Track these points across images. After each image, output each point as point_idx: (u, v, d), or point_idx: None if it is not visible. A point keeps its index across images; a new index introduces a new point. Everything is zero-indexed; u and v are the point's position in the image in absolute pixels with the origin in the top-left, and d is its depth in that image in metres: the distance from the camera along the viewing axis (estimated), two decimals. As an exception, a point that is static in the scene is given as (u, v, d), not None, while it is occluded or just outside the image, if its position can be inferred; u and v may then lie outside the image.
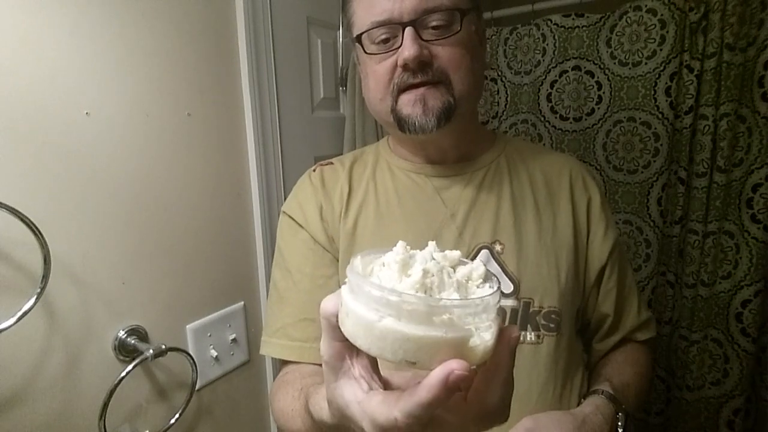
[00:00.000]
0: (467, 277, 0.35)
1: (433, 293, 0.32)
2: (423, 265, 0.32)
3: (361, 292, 0.31)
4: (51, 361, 0.72)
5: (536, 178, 0.71)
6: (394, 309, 0.30)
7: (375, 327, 0.30)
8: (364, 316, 0.31)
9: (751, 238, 1.17)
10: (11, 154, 0.67)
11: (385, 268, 0.34)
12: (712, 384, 1.26)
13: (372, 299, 0.30)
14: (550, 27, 1.35)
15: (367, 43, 0.61)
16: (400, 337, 0.30)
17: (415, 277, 0.31)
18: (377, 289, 0.30)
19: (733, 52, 1.12)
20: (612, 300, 0.71)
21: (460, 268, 0.35)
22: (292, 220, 0.70)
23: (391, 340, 0.30)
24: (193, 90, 0.91)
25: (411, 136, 0.62)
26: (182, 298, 0.91)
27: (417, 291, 0.31)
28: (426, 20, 0.58)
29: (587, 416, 0.57)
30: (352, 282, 0.33)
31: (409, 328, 0.29)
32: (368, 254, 0.37)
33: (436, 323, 0.29)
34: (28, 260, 0.68)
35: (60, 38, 0.71)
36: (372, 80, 0.63)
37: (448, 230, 0.66)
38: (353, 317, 0.32)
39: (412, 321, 0.29)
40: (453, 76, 0.60)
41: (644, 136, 1.28)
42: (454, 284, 0.33)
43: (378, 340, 0.30)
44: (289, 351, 0.66)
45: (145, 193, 0.84)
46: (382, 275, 0.33)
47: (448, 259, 0.35)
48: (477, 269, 0.35)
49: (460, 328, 0.30)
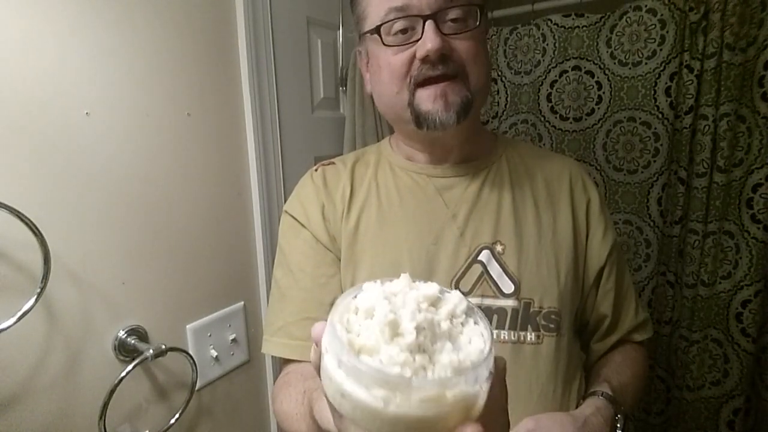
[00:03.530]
0: (451, 314, 0.33)
1: (428, 350, 0.30)
2: (414, 322, 0.30)
3: (355, 371, 0.28)
4: (51, 361, 0.72)
5: (536, 179, 0.71)
6: (403, 394, 0.27)
7: (382, 415, 0.28)
8: (366, 403, 0.28)
9: (751, 238, 1.17)
10: (11, 154, 0.67)
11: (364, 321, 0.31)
12: (712, 384, 1.26)
13: (372, 381, 0.28)
14: (550, 27, 1.35)
15: (384, 34, 0.61)
16: (413, 421, 0.28)
17: (409, 339, 0.29)
18: (380, 374, 0.27)
19: (733, 52, 1.12)
20: (610, 301, 0.71)
21: (441, 305, 0.33)
22: (294, 220, 0.70)
23: (403, 426, 0.28)
24: (193, 90, 0.91)
25: (428, 132, 0.62)
26: (182, 298, 0.91)
27: (412, 353, 0.29)
28: (445, 13, 0.58)
29: (588, 417, 0.57)
30: (340, 356, 0.29)
31: (422, 411, 0.27)
32: (340, 303, 0.33)
33: (448, 399, 0.28)
34: (28, 260, 0.68)
35: (60, 38, 0.71)
36: (386, 73, 0.62)
37: (450, 230, 0.66)
38: (350, 401, 0.29)
39: (423, 403, 0.27)
40: (470, 70, 0.61)
41: (644, 136, 1.28)
42: (445, 334, 0.31)
43: (386, 425, 0.28)
44: (290, 350, 0.66)
45: (145, 193, 0.84)
46: (365, 333, 0.30)
47: (427, 297, 0.33)
48: (459, 305, 0.33)
49: (470, 394, 0.29)
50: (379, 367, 0.28)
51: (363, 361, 0.28)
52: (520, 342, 0.63)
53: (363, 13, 0.64)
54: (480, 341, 0.31)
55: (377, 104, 0.69)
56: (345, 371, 0.29)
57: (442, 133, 0.62)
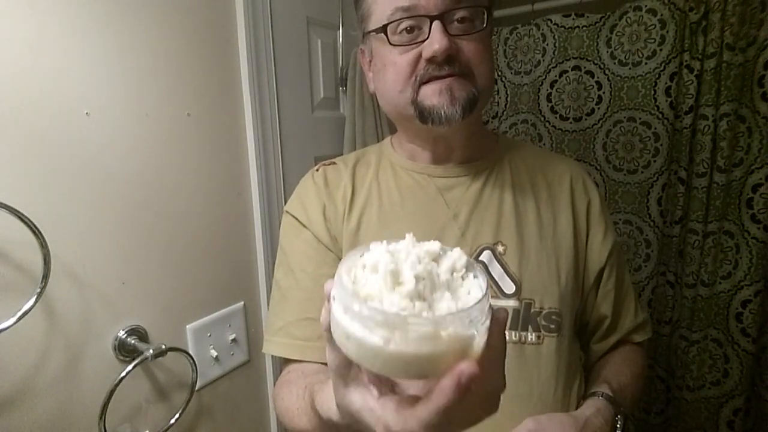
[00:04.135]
0: (452, 269, 0.35)
1: (428, 298, 0.32)
2: (413, 271, 0.32)
3: (359, 315, 0.30)
4: (51, 361, 0.72)
5: (537, 180, 0.71)
6: (401, 332, 0.29)
7: (383, 352, 0.30)
8: (368, 342, 0.30)
9: (751, 238, 1.17)
10: (11, 154, 0.67)
11: (370, 275, 0.33)
12: (712, 384, 1.26)
13: (374, 323, 0.30)
14: (550, 27, 1.35)
15: (390, 33, 0.60)
16: (410, 358, 0.30)
17: (409, 287, 0.31)
18: (380, 314, 0.29)
19: (733, 52, 1.12)
20: (610, 301, 0.71)
21: (442, 260, 0.35)
22: (295, 220, 0.70)
23: (402, 363, 0.30)
24: (193, 90, 0.91)
25: (433, 127, 0.62)
26: (182, 298, 0.91)
27: (412, 300, 0.31)
28: (452, 14, 0.58)
29: (588, 418, 0.57)
30: (346, 302, 0.31)
31: (418, 348, 0.29)
32: (348, 259, 0.35)
33: (443, 338, 0.29)
34: (28, 260, 0.68)
35: (60, 38, 0.71)
36: (391, 72, 0.62)
37: (451, 230, 0.66)
38: (355, 342, 0.31)
39: (420, 341, 0.29)
40: (475, 71, 0.61)
41: (644, 136, 1.28)
42: (444, 285, 0.33)
43: (387, 363, 0.30)
44: (291, 350, 0.66)
45: (145, 193, 0.83)
46: (369, 284, 0.32)
47: (429, 253, 0.35)
48: (459, 260, 0.35)
49: (464, 335, 0.30)
50: (379, 308, 0.30)
51: (365, 303, 0.30)
52: (521, 342, 0.63)
53: (367, 11, 0.64)
54: (478, 292, 0.33)
55: (380, 103, 0.69)
56: (350, 316, 0.31)
57: (446, 128, 0.61)
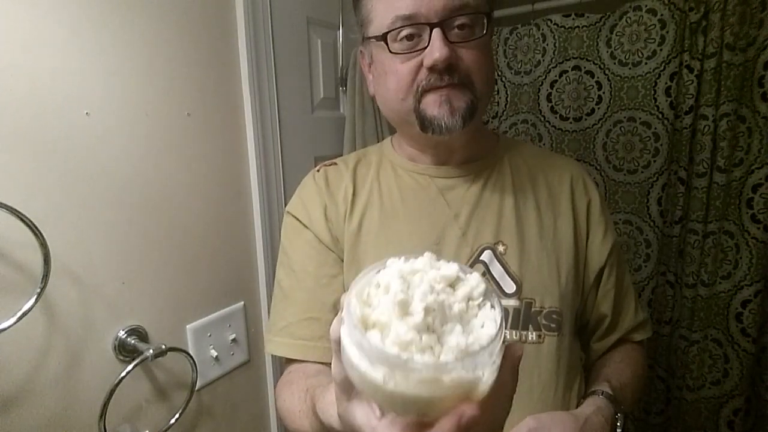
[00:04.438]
0: (468, 297, 0.33)
1: (436, 330, 0.31)
2: (424, 303, 0.31)
3: (362, 347, 0.30)
4: (51, 361, 0.72)
5: (538, 180, 0.71)
6: (401, 372, 0.28)
7: (383, 389, 0.29)
8: (369, 376, 0.30)
9: (751, 238, 1.17)
10: (11, 154, 0.66)
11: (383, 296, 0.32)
12: (712, 384, 1.26)
13: (375, 358, 0.29)
14: (550, 27, 1.35)
15: (390, 41, 0.60)
16: (409, 399, 0.29)
17: (417, 319, 0.30)
18: (381, 353, 0.29)
19: (733, 52, 1.12)
20: (610, 301, 0.71)
21: (459, 287, 0.34)
22: (297, 220, 0.70)
23: (400, 402, 0.30)
24: (193, 90, 0.91)
25: (433, 135, 0.62)
26: (182, 298, 0.91)
27: (419, 333, 0.30)
28: (453, 21, 0.58)
29: (589, 417, 0.57)
30: (351, 331, 0.31)
31: (419, 390, 0.29)
32: (362, 277, 0.35)
33: (445, 382, 0.29)
34: (28, 260, 0.68)
35: (60, 38, 0.71)
36: (393, 79, 0.62)
37: (452, 230, 0.66)
38: (357, 373, 0.31)
39: (420, 384, 0.28)
40: (475, 78, 0.61)
41: (644, 136, 1.28)
42: (456, 316, 0.32)
43: (386, 399, 0.30)
44: (293, 349, 0.66)
45: (145, 193, 0.83)
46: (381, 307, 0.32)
47: (446, 277, 0.34)
48: (477, 287, 0.34)
49: (468, 379, 0.29)
50: (380, 347, 0.29)
51: (367, 339, 0.30)
52: (521, 341, 0.63)
53: (368, 17, 0.64)
54: (492, 328, 0.32)
55: (381, 108, 0.69)
56: (356, 345, 0.30)
57: (447, 136, 0.62)
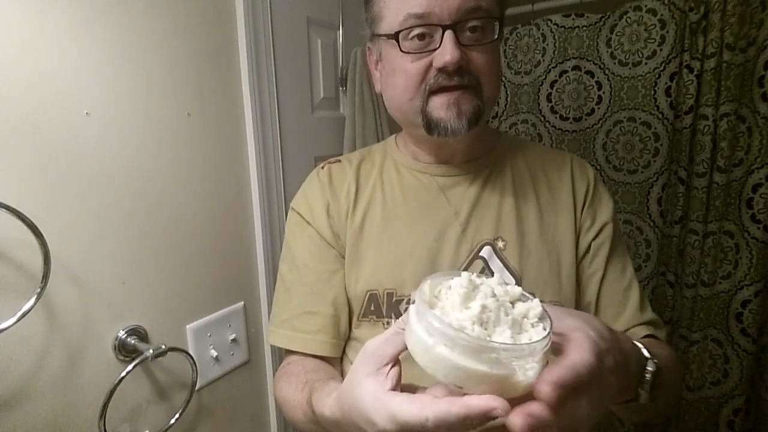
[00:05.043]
0: (524, 314, 0.38)
1: (488, 328, 0.35)
2: (483, 301, 0.36)
3: (423, 318, 0.36)
4: (51, 361, 0.72)
5: (539, 177, 0.71)
6: (449, 340, 0.34)
7: (431, 351, 0.34)
8: (423, 339, 0.35)
9: (751, 238, 1.17)
10: (11, 154, 0.66)
11: (451, 293, 0.38)
12: (712, 384, 1.27)
13: (431, 327, 0.35)
14: (550, 27, 1.35)
15: (401, 40, 0.60)
16: (450, 364, 0.34)
17: (474, 311, 0.35)
18: (437, 321, 0.34)
19: (733, 52, 1.12)
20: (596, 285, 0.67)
21: (518, 304, 0.39)
22: (300, 216, 0.72)
23: (443, 365, 0.34)
24: (193, 90, 0.91)
25: (438, 138, 0.62)
26: (182, 298, 0.91)
27: (473, 324, 0.35)
28: (465, 23, 0.59)
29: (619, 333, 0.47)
30: (418, 307, 0.37)
31: (459, 359, 0.33)
32: (438, 277, 0.41)
33: (484, 360, 0.33)
34: (28, 260, 0.68)
35: (60, 38, 0.71)
36: (401, 78, 0.62)
37: (452, 228, 0.67)
38: (415, 337, 0.36)
39: (462, 354, 0.33)
40: (483, 81, 0.61)
41: (644, 136, 1.28)
42: (508, 322, 0.36)
43: (432, 362, 0.35)
44: (293, 342, 0.69)
45: (145, 193, 0.84)
46: (448, 300, 0.38)
47: (510, 295, 0.39)
48: (534, 308, 0.38)
49: (505, 367, 0.33)
50: (438, 318, 0.34)
51: (429, 311, 0.35)
52: None
53: (379, 14, 0.64)
54: (538, 336, 0.36)
55: (387, 106, 0.69)
56: (418, 316, 0.37)
57: (452, 139, 0.62)
